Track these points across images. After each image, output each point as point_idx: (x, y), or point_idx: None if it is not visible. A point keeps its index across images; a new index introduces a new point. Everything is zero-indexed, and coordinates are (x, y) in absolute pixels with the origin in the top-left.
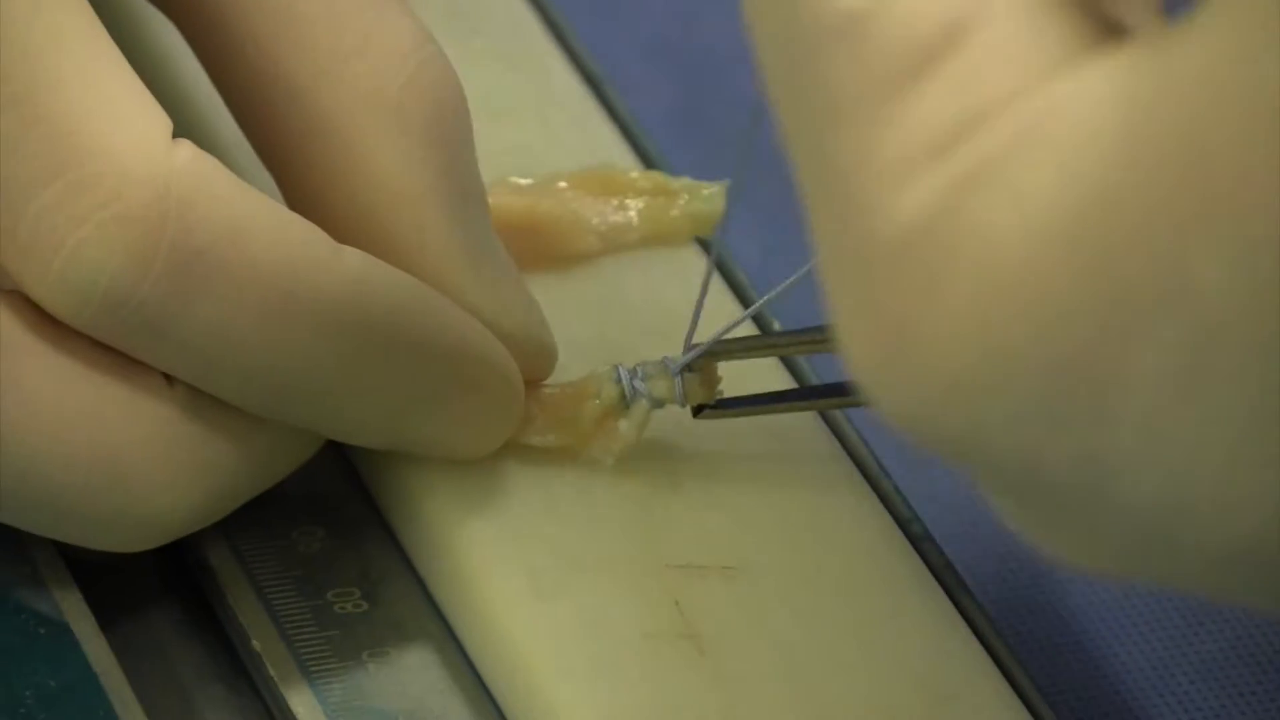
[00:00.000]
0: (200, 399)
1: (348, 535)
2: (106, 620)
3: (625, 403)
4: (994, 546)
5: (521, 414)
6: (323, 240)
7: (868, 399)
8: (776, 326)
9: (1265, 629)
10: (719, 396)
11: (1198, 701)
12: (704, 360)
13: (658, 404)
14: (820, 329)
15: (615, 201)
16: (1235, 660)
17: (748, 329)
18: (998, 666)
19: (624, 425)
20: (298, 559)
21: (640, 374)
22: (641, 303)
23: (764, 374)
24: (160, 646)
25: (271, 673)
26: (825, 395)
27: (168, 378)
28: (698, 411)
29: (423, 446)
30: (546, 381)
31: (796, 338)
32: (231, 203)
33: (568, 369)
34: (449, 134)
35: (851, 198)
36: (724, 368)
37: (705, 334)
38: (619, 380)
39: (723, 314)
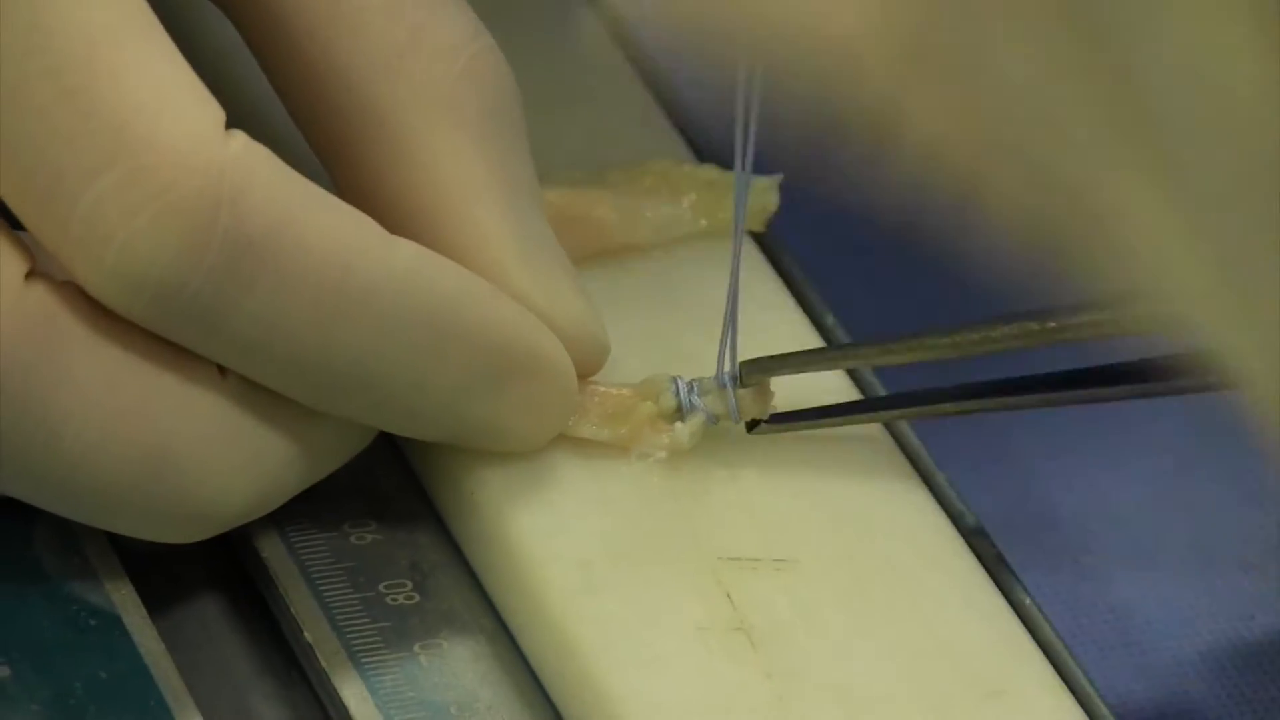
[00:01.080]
0: (253, 390)
1: (399, 527)
2: (157, 611)
3: (680, 414)
4: (1046, 541)
5: (574, 406)
6: (375, 231)
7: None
8: (830, 321)
9: None
10: (772, 411)
11: (1249, 695)
12: (757, 375)
13: (714, 420)
14: (883, 340)
15: (668, 195)
16: None
17: (807, 336)
18: (1049, 661)
19: (680, 429)
20: (350, 551)
21: (696, 389)
22: (694, 296)
23: (823, 375)
24: (211, 638)
25: (323, 664)
26: (875, 409)
27: (221, 369)
28: (751, 427)
29: (475, 439)
30: (599, 376)
31: (853, 351)
32: (284, 193)
33: (620, 362)
34: (502, 126)
35: None
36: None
37: (761, 333)
38: (676, 393)
39: (775, 309)
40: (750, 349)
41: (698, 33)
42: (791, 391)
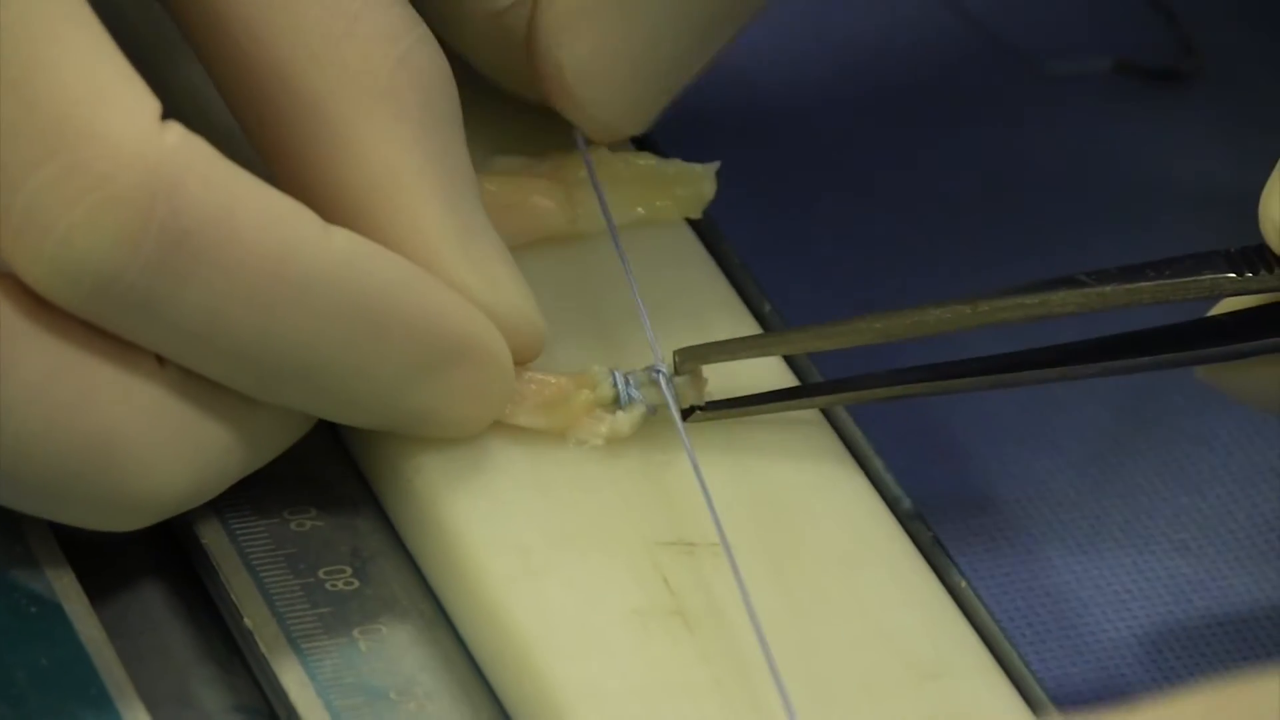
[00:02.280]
0: (192, 380)
1: (339, 514)
2: (99, 599)
3: (618, 404)
4: (982, 525)
5: (511, 393)
6: (312, 221)
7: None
8: (767, 309)
9: (1250, 602)
10: (708, 399)
11: (1182, 675)
12: (692, 363)
13: (653, 410)
14: (816, 326)
15: (606, 182)
16: (1221, 634)
17: (745, 324)
18: (985, 644)
19: (621, 418)
20: (289, 537)
21: (633, 380)
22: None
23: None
24: (152, 624)
25: (263, 649)
26: (811, 394)
27: (160, 359)
28: (687, 414)
29: (413, 425)
30: (535, 364)
31: (786, 337)
32: (220, 184)
33: (556, 349)
34: (439, 116)
35: None
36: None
37: (699, 320)
38: (615, 384)
39: (715, 296)
40: (688, 336)
41: None
42: (729, 379)
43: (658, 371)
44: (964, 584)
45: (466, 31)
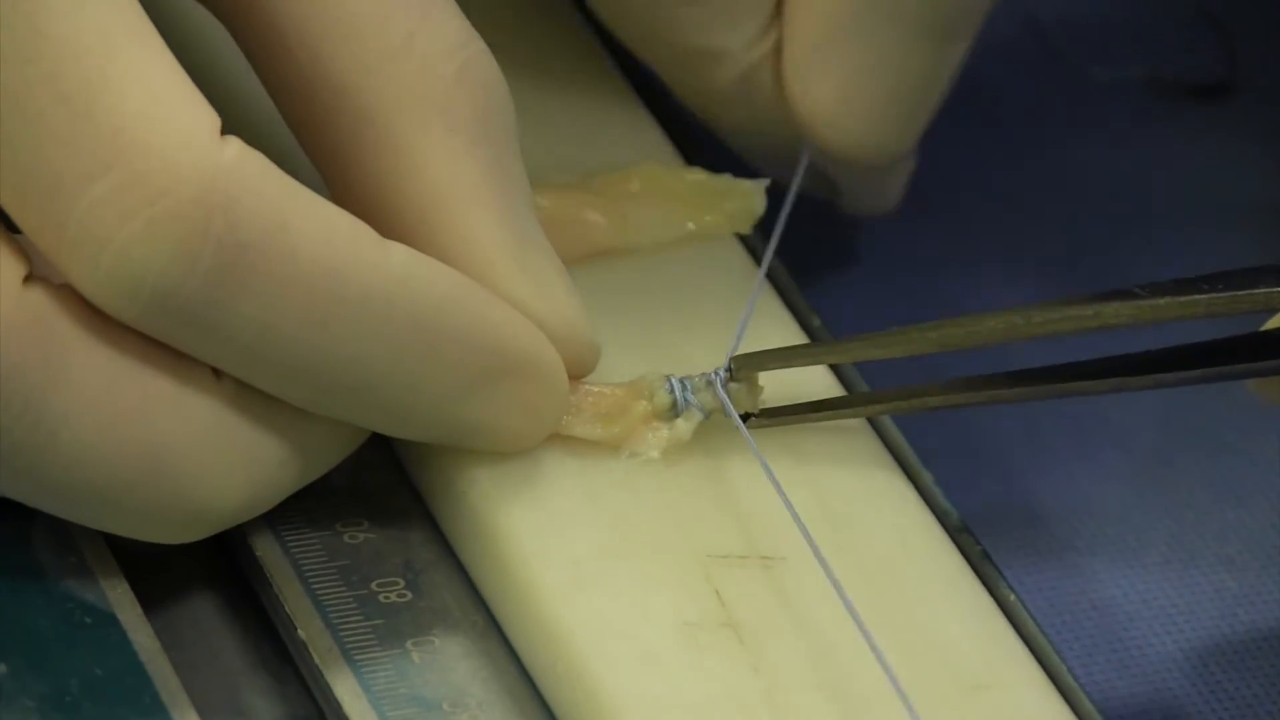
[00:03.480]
0: (247, 393)
1: (392, 526)
2: (152, 610)
3: (674, 411)
4: (1030, 538)
5: (565, 407)
6: (368, 235)
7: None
8: (816, 323)
9: None
10: (762, 406)
11: (1230, 692)
12: (748, 370)
13: (707, 415)
14: (871, 335)
15: (656, 198)
16: (1268, 649)
17: (794, 335)
18: (1033, 656)
19: (680, 425)
20: (343, 549)
21: (690, 386)
22: (683, 298)
23: (810, 374)
24: (206, 636)
25: (317, 661)
26: (864, 403)
27: (215, 372)
28: (743, 420)
29: (466, 439)
30: (591, 378)
31: (840, 346)
32: (277, 198)
33: (607, 362)
34: (494, 130)
35: None
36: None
37: (749, 333)
38: (671, 390)
39: (765, 310)
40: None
41: None
42: (779, 391)
43: (717, 375)
44: (1012, 597)
45: (714, 102)
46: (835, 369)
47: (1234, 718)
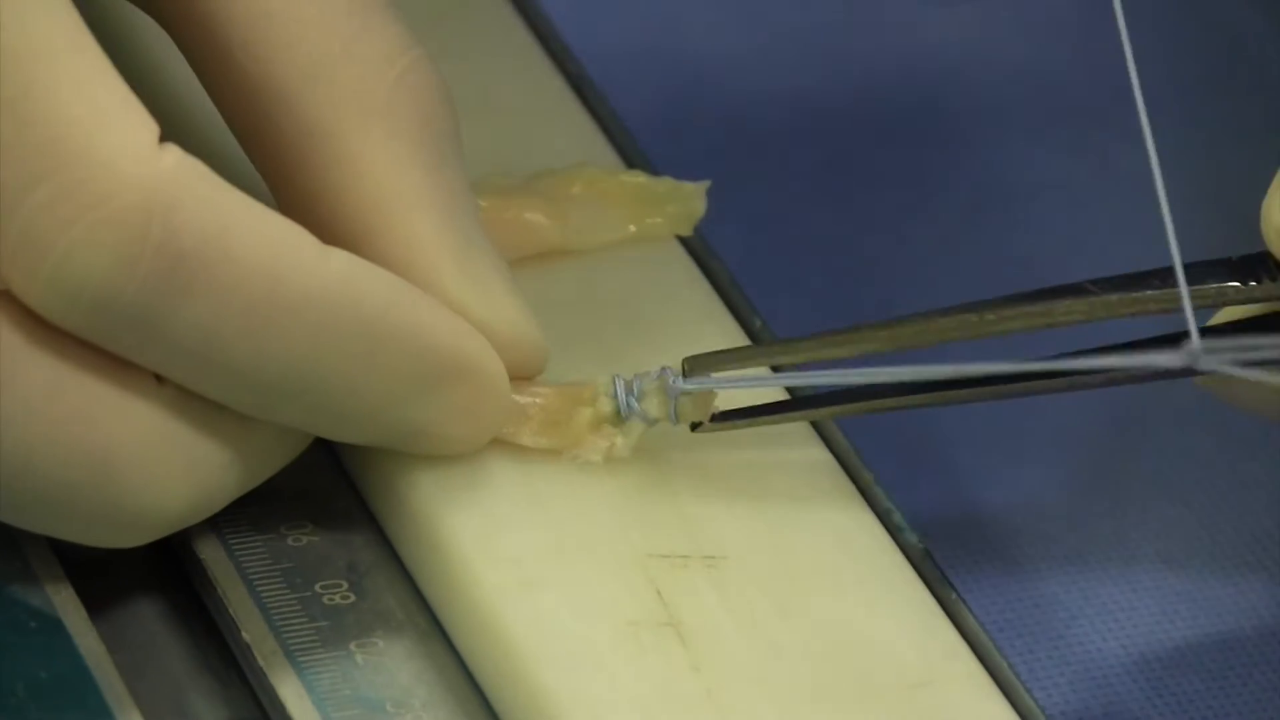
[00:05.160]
0: (190, 398)
1: (335, 529)
2: (98, 614)
3: (620, 416)
4: (972, 537)
5: (507, 410)
6: (309, 242)
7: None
8: (758, 325)
9: (1236, 614)
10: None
11: (1171, 688)
12: (700, 371)
13: (652, 422)
14: (821, 335)
15: (598, 200)
16: (1210, 646)
17: (737, 337)
18: (975, 653)
19: (620, 442)
20: (287, 552)
21: (636, 390)
22: (624, 300)
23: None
24: (151, 639)
25: (261, 663)
26: (811, 406)
27: (158, 377)
28: (694, 428)
29: (408, 443)
30: (539, 379)
31: (791, 346)
32: (217, 205)
33: (554, 365)
34: (436, 135)
35: None
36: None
37: (691, 337)
38: (615, 395)
39: (706, 311)
40: (680, 351)
41: None
42: (724, 399)
43: (668, 376)
44: (954, 595)
45: None
46: (779, 371)
47: (1174, 713)
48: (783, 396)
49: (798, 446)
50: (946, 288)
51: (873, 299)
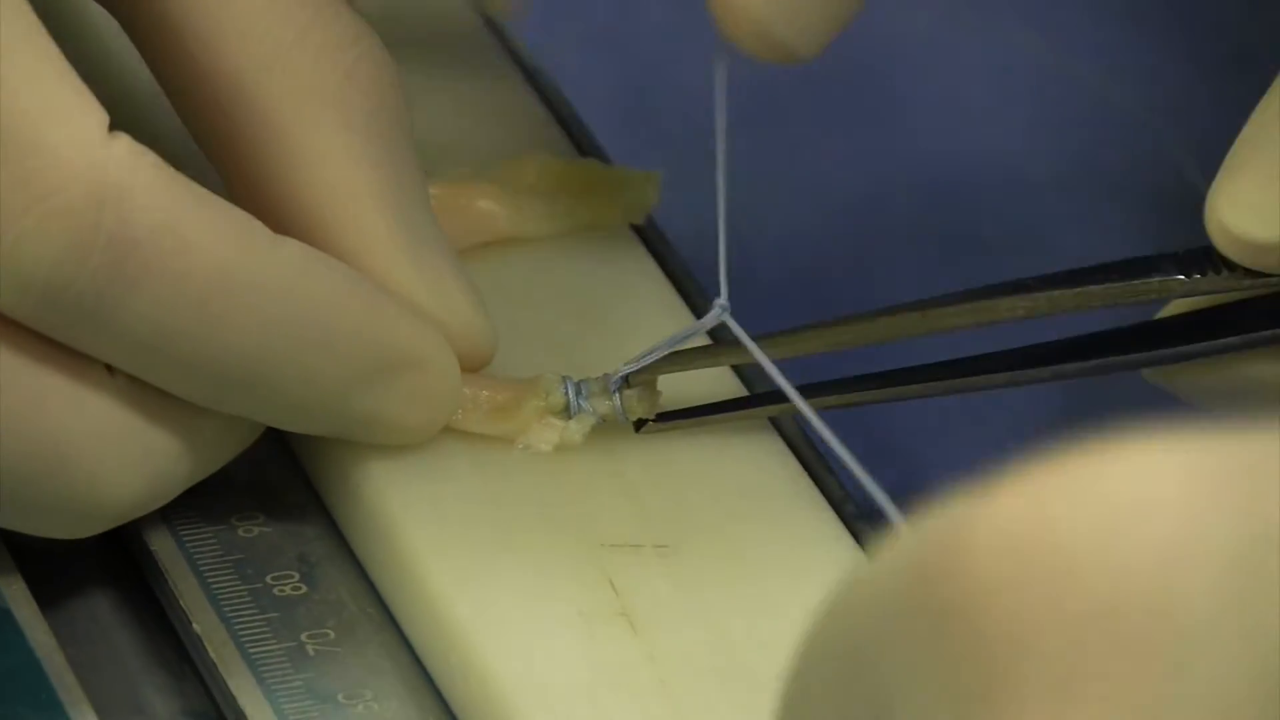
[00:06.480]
0: (141, 388)
1: (287, 520)
2: (49, 606)
3: (568, 412)
4: None
5: (458, 401)
6: (260, 231)
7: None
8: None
9: None
10: (659, 410)
11: None
12: (644, 376)
13: (600, 420)
14: (769, 335)
15: (551, 188)
16: None
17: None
18: None
19: (571, 427)
20: (238, 543)
21: (584, 390)
22: (577, 288)
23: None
24: (102, 630)
25: (212, 655)
26: (761, 403)
27: (109, 368)
28: (639, 426)
29: (359, 433)
30: (488, 371)
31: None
32: (167, 195)
33: (501, 353)
34: (388, 125)
35: None
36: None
37: (645, 327)
38: (565, 392)
39: (658, 300)
40: (632, 340)
41: None
42: (678, 388)
43: (614, 383)
44: None
45: None
46: (734, 366)
47: None
48: (736, 390)
49: (752, 435)
50: (904, 282)
51: (827, 287)
